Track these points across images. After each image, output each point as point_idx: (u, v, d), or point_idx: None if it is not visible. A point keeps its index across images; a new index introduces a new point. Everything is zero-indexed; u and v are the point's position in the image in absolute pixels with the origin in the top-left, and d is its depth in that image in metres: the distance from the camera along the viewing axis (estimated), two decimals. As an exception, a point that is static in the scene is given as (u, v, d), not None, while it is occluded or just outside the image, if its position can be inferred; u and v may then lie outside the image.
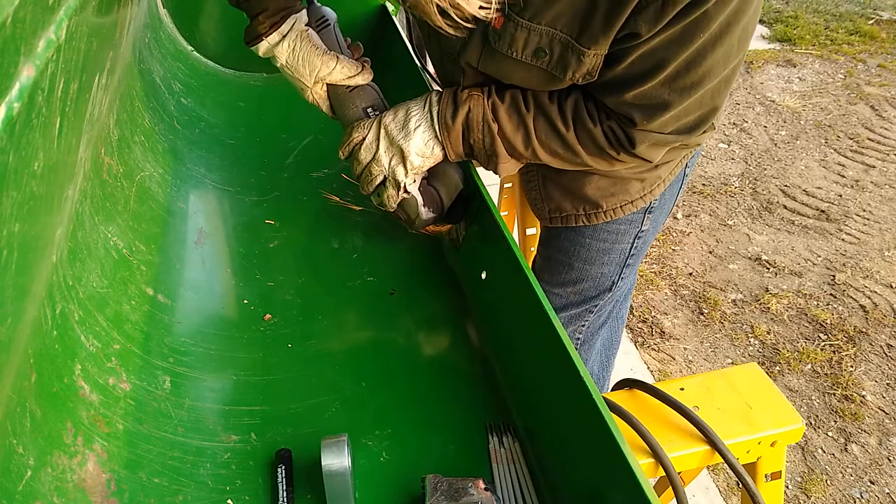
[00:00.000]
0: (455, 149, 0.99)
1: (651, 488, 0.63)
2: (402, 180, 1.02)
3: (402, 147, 0.99)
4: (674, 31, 0.78)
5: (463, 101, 0.96)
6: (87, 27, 0.68)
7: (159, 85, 1.43)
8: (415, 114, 1.00)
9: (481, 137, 0.97)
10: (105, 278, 0.95)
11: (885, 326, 2.36)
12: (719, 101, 0.89)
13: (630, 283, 1.40)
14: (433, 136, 0.99)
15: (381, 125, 1.01)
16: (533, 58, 0.88)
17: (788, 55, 4.17)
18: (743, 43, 0.84)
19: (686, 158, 1.17)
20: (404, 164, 1.00)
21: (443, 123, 0.98)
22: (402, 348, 1.05)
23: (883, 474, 1.93)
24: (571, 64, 0.86)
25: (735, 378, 1.00)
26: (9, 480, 0.66)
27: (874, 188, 3.05)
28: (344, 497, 0.79)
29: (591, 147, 0.95)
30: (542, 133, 0.95)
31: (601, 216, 1.17)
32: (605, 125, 0.92)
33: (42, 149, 0.58)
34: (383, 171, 1.02)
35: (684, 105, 0.86)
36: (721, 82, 0.86)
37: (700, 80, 0.83)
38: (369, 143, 1.02)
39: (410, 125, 0.99)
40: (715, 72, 0.83)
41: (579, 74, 0.87)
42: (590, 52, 0.84)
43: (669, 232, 2.82)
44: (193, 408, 0.92)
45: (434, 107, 0.99)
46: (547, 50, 0.86)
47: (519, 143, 0.96)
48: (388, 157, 1.01)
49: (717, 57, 0.82)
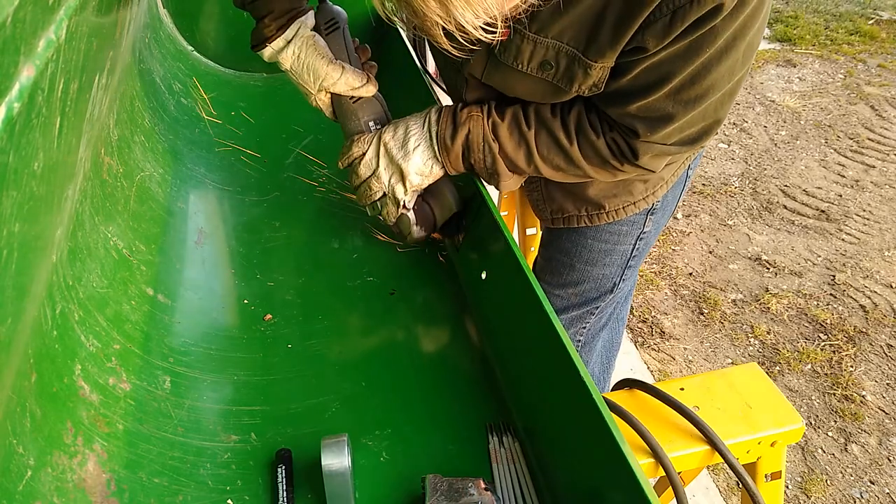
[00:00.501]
0: (455, 167, 1.00)
1: (651, 488, 0.63)
2: (402, 198, 1.02)
3: (402, 166, 0.99)
4: (681, 46, 0.78)
5: (462, 123, 0.96)
6: (87, 27, 0.68)
7: (160, 85, 1.43)
8: (414, 133, 0.99)
9: (482, 157, 0.97)
10: (105, 278, 0.95)
11: (885, 326, 2.36)
12: (722, 113, 0.89)
13: (631, 285, 1.40)
14: (432, 155, 0.99)
15: (381, 142, 1.01)
16: (539, 70, 0.87)
17: (788, 55, 4.17)
18: (748, 57, 0.83)
19: (689, 160, 1.17)
20: (404, 183, 1.01)
21: (442, 144, 0.97)
22: (402, 348, 1.05)
23: (883, 474, 1.93)
24: (578, 76, 0.86)
25: (735, 378, 1.00)
26: (9, 480, 0.66)
27: (874, 188, 3.05)
28: (344, 497, 0.79)
29: (595, 159, 0.94)
30: (544, 149, 0.95)
31: (603, 217, 1.17)
32: (608, 136, 0.92)
33: (42, 149, 0.58)
34: (383, 188, 1.03)
35: (688, 117, 0.86)
36: (725, 95, 0.86)
37: (704, 93, 0.83)
38: (369, 159, 1.03)
39: (410, 145, 0.99)
40: (719, 85, 0.83)
41: (585, 87, 0.87)
42: (597, 65, 0.83)
43: (669, 232, 2.82)
44: (193, 408, 0.92)
45: (433, 126, 0.98)
46: (553, 63, 0.86)
47: (521, 161, 0.96)
48: (387, 174, 1.01)
49: (722, 71, 0.81)
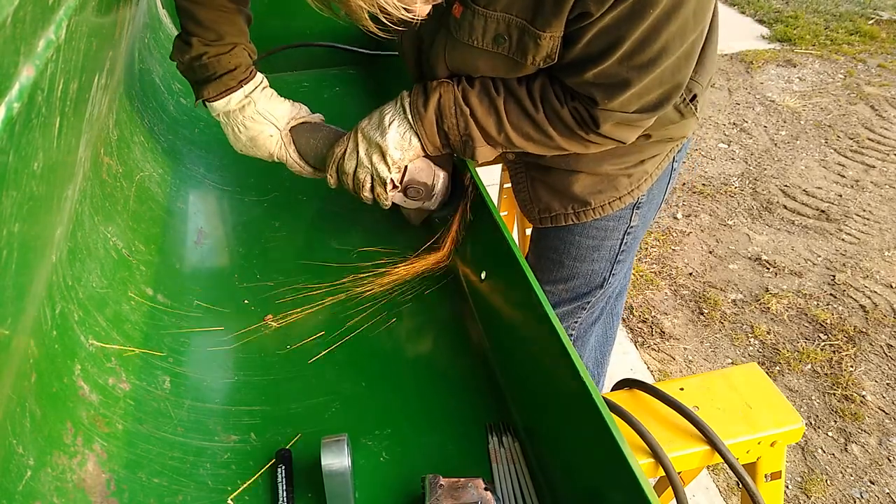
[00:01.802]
0: (431, 138, 1.01)
1: (651, 488, 0.63)
2: (387, 176, 1.03)
3: (380, 143, 1.01)
4: (624, 8, 0.80)
5: (433, 89, 0.99)
6: (86, 27, 0.68)
7: (159, 85, 1.43)
8: (388, 112, 1.02)
9: (455, 122, 0.98)
10: (105, 278, 0.95)
11: (885, 326, 2.36)
12: (681, 77, 0.90)
13: (623, 280, 1.40)
14: (408, 127, 1.00)
15: (358, 131, 1.04)
16: (493, 45, 0.90)
17: (788, 55, 4.17)
18: (700, 17, 0.84)
19: (673, 152, 1.17)
20: (385, 161, 1.02)
21: (415, 112, 0.99)
22: (402, 348, 1.05)
23: (883, 474, 1.93)
24: (530, 48, 0.88)
25: (735, 378, 1.00)
26: (9, 480, 0.65)
27: (874, 188, 3.05)
28: (344, 497, 0.79)
29: (560, 127, 0.96)
30: (513, 116, 0.96)
31: (590, 213, 1.18)
32: (570, 105, 0.94)
33: (42, 149, 0.58)
34: (368, 171, 1.04)
35: (644, 83, 0.87)
36: (681, 58, 0.87)
37: (657, 56, 0.84)
38: (350, 151, 1.05)
39: (385, 122, 1.01)
40: (672, 47, 0.84)
41: (539, 58, 0.89)
42: (545, 35, 0.85)
43: (669, 232, 2.82)
44: (193, 408, 0.92)
45: (406, 100, 1.01)
46: (505, 36, 0.88)
47: (491, 127, 0.98)
48: (367, 157, 1.03)
49: (673, 31, 0.83)
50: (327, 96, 1.72)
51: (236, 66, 1.04)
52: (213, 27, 1.02)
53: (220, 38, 1.03)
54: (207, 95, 1.05)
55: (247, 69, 1.06)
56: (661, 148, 1.13)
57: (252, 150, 1.11)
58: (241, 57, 1.05)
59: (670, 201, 3.00)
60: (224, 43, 1.04)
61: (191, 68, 1.05)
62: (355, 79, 1.79)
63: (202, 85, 1.05)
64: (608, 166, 1.12)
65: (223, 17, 1.03)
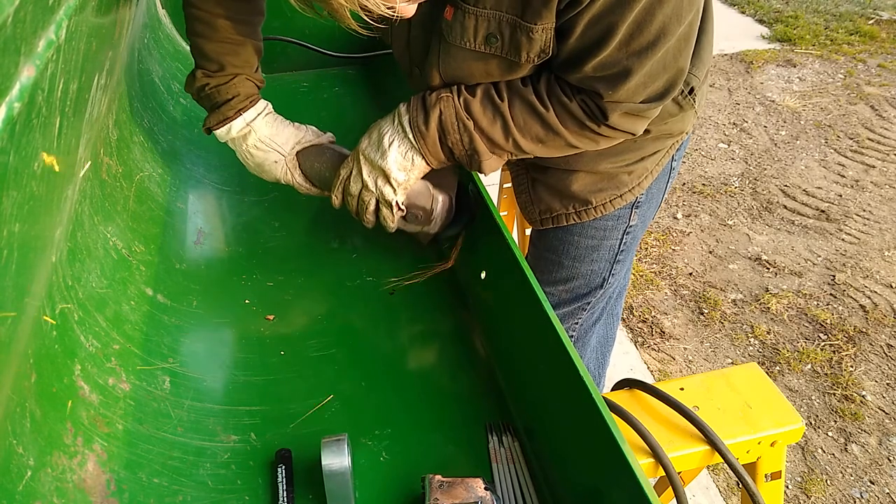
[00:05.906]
0: (434, 155, 0.99)
1: (651, 488, 0.63)
2: (392, 199, 1.01)
3: (382, 167, 0.99)
4: None
5: (433, 105, 0.96)
6: (86, 27, 0.68)
7: (158, 85, 1.43)
8: (386, 131, 0.99)
9: (459, 138, 0.96)
10: (105, 278, 0.95)
11: (885, 326, 2.36)
12: (682, 61, 0.89)
13: (622, 281, 1.40)
14: (409, 146, 0.98)
15: (359, 152, 1.02)
16: (485, 45, 0.89)
17: (788, 55, 4.17)
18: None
19: (672, 150, 1.17)
20: (389, 183, 1.00)
21: (416, 131, 0.97)
22: (402, 348, 1.05)
23: (883, 474, 1.93)
24: (523, 44, 0.87)
25: (735, 378, 1.00)
26: (9, 480, 0.65)
27: (874, 188, 3.05)
28: (344, 497, 0.79)
29: (571, 123, 0.94)
30: (520, 119, 0.94)
31: (591, 212, 1.18)
32: (578, 98, 0.92)
33: (42, 149, 0.58)
34: (373, 195, 1.03)
35: (646, 69, 0.86)
36: (680, 41, 0.86)
37: (655, 40, 0.83)
38: (354, 175, 1.03)
39: (385, 143, 0.99)
40: (670, 30, 0.83)
41: (533, 54, 0.88)
42: (537, 28, 0.85)
43: (669, 232, 2.82)
44: (193, 408, 0.92)
45: (404, 117, 0.98)
46: (497, 35, 0.87)
47: (498, 135, 0.95)
48: (372, 180, 1.01)
49: (668, 13, 0.82)
50: (327, 96, 1.72)
51: (234, 96, 1.06)
52: (216, 59, 1.05)
53: (221, 68, 1.06)
54: (209, 124, 1.08)
55: (246, 98, 1.07)
56: (660, 144, 1.13)
57: (261, 174, 1.13)
58: (241, 86, 1.06)
59: (670, 201, 3.00)
60: (224, 74, 1.06)
61: (198, 98, 1.09)
62: (355, 79, 1.79)
63: (208, 114, 1.09)
64: (607, 164, 1.12)
65: (228, 48, 1.05)
